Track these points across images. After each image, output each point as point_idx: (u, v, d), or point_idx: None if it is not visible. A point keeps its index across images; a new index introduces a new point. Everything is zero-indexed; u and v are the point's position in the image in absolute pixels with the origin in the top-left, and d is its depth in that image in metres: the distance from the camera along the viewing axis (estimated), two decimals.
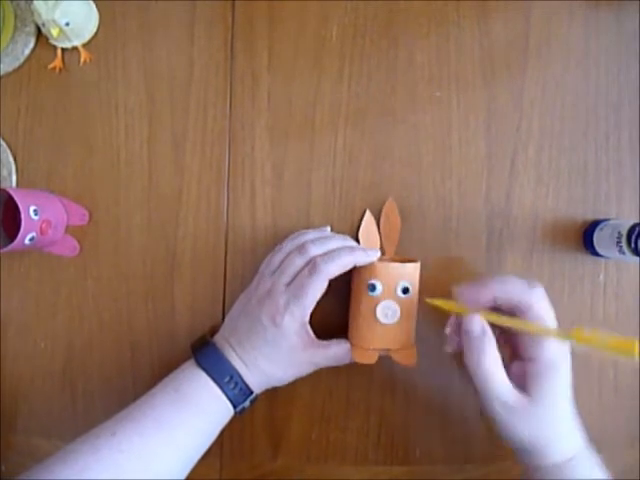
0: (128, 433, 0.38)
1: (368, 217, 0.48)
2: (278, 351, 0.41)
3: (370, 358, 0.42)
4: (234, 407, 0.41)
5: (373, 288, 0.42)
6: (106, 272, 0.50)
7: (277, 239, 0.49)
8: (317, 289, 0.40)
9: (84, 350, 0.50)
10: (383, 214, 0.48)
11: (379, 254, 0.42)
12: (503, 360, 0.38)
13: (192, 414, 0.40)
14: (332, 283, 0.41)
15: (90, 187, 0.50)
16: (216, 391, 0.40)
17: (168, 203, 0.49)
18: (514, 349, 0.40)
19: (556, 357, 0.37)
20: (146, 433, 0.38)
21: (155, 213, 0.49)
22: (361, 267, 0.42)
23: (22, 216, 0.42)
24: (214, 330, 0.46)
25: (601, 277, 0.48)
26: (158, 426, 0.38)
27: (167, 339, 0.49)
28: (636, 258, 0.42)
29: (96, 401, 0.50)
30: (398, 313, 0.42)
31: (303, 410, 0.49)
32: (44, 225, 0.45)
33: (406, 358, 0.43)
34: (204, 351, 0.42)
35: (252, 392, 0.42)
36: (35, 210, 0.44)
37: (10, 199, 0.42)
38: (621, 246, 0.42)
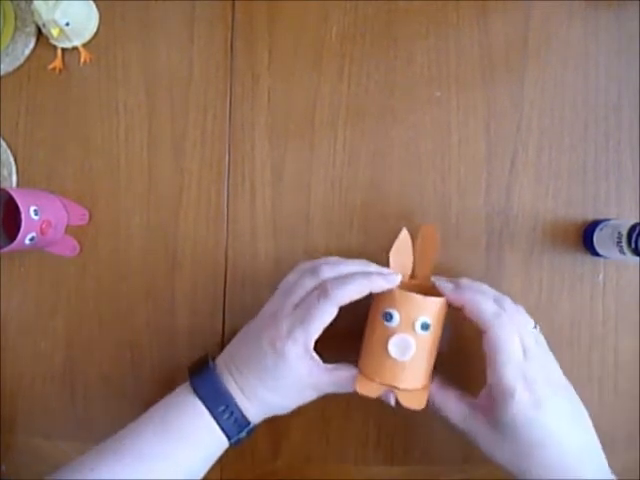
0: (107, 469, 0.36)
1: (404, 235, 0.43)
2: (278, 378, 0.38)
3: (373, 391, 0.38)
4: (228, 439, 0.38)
5: (390, 317, 0.38)
6: (106, 272, 0.50)
7: (277, 239, 0.49)
8: (325, 316, 0.37)
9: (84, 350, 0.50)
10: (420, 236, 0.44)
11: (399, 280, 0.39)
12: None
13: (179, 447, 0.37)
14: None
15: (90, 187, 0.50)
16: (209, 421, 0.38)
17: (168, 203, 0.49)
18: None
19: (511, 383, 0.35)
20: (126, 471, 0.36)
21: (155, 213, 0.49)
22: (380, 293, 0.39)
23: (22, 216, 0.42)
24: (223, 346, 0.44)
25: (601, 277, 0.48)
26: (140, 461, 0.37)
27: (167, 339, 0.49)
28: (636, 258, 0.41)
29: (96, 401, 0.50)
30: (413, 350, 0.37)
31: (303, 410, 0.49)
32: (44, 225, 0.45)
33: (412, 401, 0.38)
34: (201, 375, 0.39)
35: (249, 423, 0.39)
36: (35, 210, 0.44)
37: (10, 199, 0.43)
38: (621, 246, 0.42)
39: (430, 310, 0.38)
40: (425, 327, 0.37)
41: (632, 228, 0.41)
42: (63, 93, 0.50)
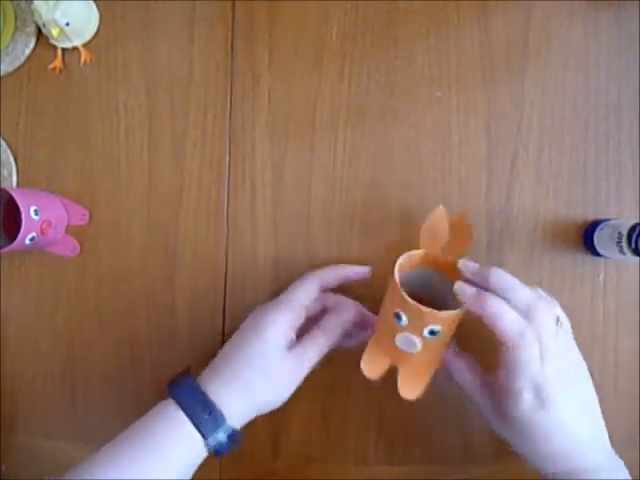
0: None
1: (440, 211, 0.42)
2: (260, 363, 0.39)
3: (377, 368, 0.39)
4: (204, 437, 0.37)
5: (399, 318, 0.37)
6: (106, 272, 0.50)
7: (277, 239, 0.49)
8: (304, 294, 0.40)
9: (84, 350, 0.50)
10: (454, 222, 0.42)
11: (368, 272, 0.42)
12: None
13: (160, 459, 0.37)
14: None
15: (90, 187, 0.50)
16: (185, 423, 0.37)
17: (168, 203, 0.49)
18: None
19: (520, 391, 0.35)
20: None
21: (155, 213, 0.49)
22: (393, 292, 0.38)
23: (23, 216, 0.42)
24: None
25: (601, 277, 0.48)
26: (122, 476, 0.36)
27: (167, 339, 0.49)
28: (636, 258, 0.42)
29: (96, 401, 0.50)
30: (419, 348, 0.37)
31: (303, 410, 0.49)
32: (44, 225, 0.45)
33: (410, 385, 0.39)
34: (178, 382, 0.40)
35: (225, 420, 0.38)
36: (36, 210, 0.44)
37: (11, 199, 0.43)
38: (621, 246, 0.42)
39: (441, 321, 0.36)
40: (434, 333, 0.37)
41: (632, 228, 0.41)
42: (63, 93, 0.50)
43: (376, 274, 0.46)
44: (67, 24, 0.46)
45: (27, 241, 0.44)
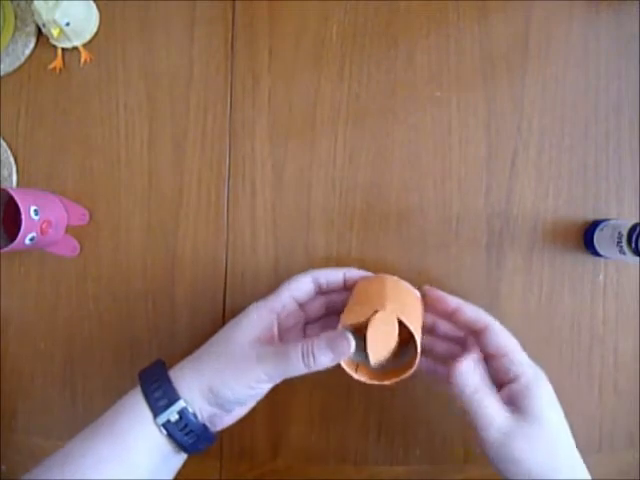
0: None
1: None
2: (228, 338, 0.38)
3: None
4: (155, 415, 0.35)
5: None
6: (106, 272, 0.50)
7: (277, 239, 0.49)
8: (298, 283, 0.40)
9: (84, 350, 0.50)
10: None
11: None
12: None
13: (125, 446, 0.36)
14: None
15: (90, 187, 0.50)
16: (142, 403, 0.36)
17: (168, 203, 0.49)
18: (494, 377, 0.38)
19: (535, 371, 0.37)
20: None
21: (155, 213, 0.49)
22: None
23: (22, 216, 0.42)
24: None
25: (601, 277, 0.48)
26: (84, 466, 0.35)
27: (167, 339, 0.49)
28: (636, 258, 0.42)
29: (96, 401, 0.50)
30: None
31: (303, 410, 0.49)
32: (44, 225, 0.45)
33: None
34: (149, 366, 0.39)
35: (178, 398, 0.35)
36: (35, 210, 0.44)
37: (11, 199, 0.43)
38: (621, 246, 0.42)
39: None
40: None
41: (632, 228, 0.41)
42: (63, 93, 0.50)
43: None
44: (67, 24, 0.46)
45: (27, 241, 0.44)
